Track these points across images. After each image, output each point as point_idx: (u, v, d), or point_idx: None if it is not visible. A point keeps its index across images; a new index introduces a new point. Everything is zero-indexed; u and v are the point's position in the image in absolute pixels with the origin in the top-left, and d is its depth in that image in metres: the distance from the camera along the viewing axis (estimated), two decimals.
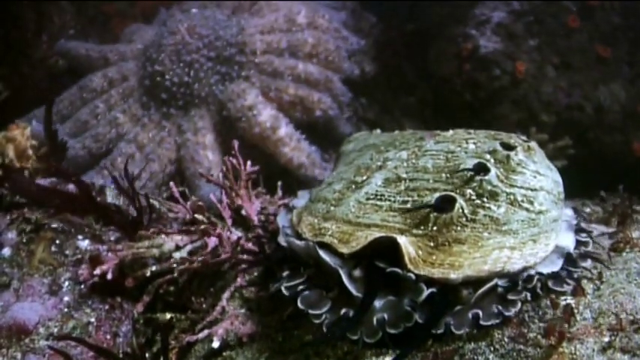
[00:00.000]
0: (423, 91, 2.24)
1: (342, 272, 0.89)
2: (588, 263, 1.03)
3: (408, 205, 0.93)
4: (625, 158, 2.03)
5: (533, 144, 1.08)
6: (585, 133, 2.02)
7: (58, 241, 1.25)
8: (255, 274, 1.13)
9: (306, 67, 1.73)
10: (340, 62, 1.81)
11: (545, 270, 0.94)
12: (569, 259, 1.01)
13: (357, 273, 0.90)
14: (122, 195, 1.36)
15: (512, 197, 0.94)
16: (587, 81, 2.06)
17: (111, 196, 1.46)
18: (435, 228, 0.89)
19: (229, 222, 1.18)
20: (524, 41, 2.09)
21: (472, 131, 1.18)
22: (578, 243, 1.05)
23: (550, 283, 0.95)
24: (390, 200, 0.95)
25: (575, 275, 0.98)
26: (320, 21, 1.81)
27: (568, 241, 1.03)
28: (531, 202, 0.95)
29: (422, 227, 0.90)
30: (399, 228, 0.91)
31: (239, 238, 1.11)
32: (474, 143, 1.07)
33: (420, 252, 0.88)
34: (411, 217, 0.91)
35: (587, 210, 1.44)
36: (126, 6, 2.67)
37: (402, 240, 0.88)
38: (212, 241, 1.10)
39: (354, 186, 1.05)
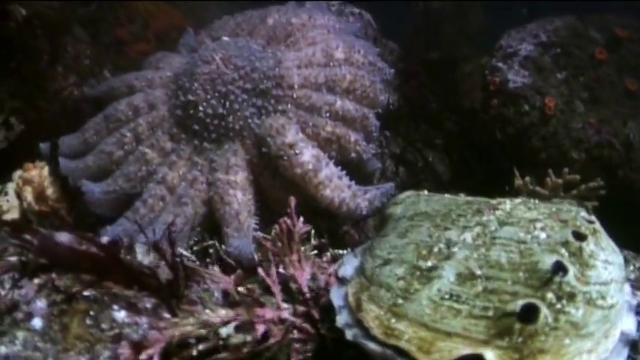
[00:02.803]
0: (448, 123, 2.20)
1: None
2: None
3: (490, 313, 0.89)
4: None
5: (597, 225, 1.04)
6: (615, 171, 1.99)
7: (92, 312, 1.20)
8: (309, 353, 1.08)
9: (343, 103, 1.67)
10: (376, 97, 1.76)
11: None
12: (633, 346, 0.98)
13: None
14: (158, 257, 1.31)
15: (588, 296, 0.90)
16: (616, 117, 2.03)
17: (141, 253, 1.41)
18: (520, 339, 0.86)
19: (279, 297, 1.13)
20: (551, 75, 2.05)
21: (533, 206, 1.14)
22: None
23: None
24: (468, 304, 0.92)
25: None
26: (356, 56, 1.75)
27: (630, 324, 1.00)
28: (604, 298, 0.92)
29: (506, 338, 0.86)
30: (482, 339, 0.87)
31: (291, 322, 1.06)
32: (542, 229, 1.03)
33: None
34: (494, 326, 0.88)
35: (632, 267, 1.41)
36: (139, 29, 2.61)
37: (490, 356, 0.84)
38: (261, 328, 1.05)
39: (418, 272, 1.01)
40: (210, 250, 1.68)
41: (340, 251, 1.70)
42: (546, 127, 1.98)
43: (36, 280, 1.28)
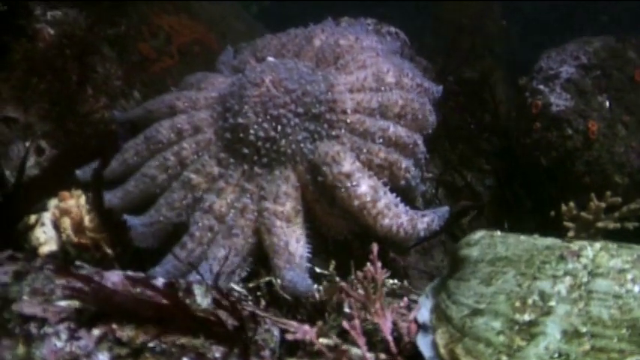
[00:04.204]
0: (486, 143, 2.17)
1: None
2: None
3: None
4: None
5: None
6: None
7: None
8: None
9: (396, 129, 1.63)
10: (426, 120, 1.72)
11: None
12: None
13: None
14: (224, 305, 1.25)
15: None
16: None
17: (200, 295, 1.35)
18: None
19: (364, 350, 1.08)
20: (593, 98, 2.03)
21: (615, 252, 1.11)
22: None
23: None
24: None
25: None
26: (405, 80, 1.71)
27: None
28: None
29: None
30: None
31: None
32: (633, 281, 1.02)
33: None
34: None
35: None
36: (162, 44, 2.54)
37: None
38: None
39: (516, 327, 0.99)
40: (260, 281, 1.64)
41: (391, 281, 1.66)
42: (590, 151, 1.96)
43: (95, 331, 1.21)
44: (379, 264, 1.21)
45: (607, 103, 1.94)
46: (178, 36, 2.54)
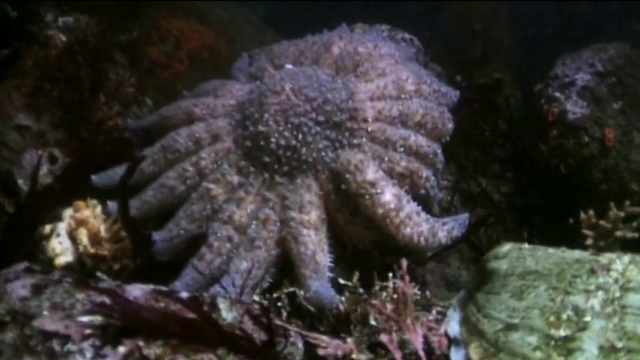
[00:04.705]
0: (501, 150, 2.16)
1: None
2: None
3: None
4: None
5: None
6: None
7: None
8: None
9: (417, 138, 1.62)
10: (445, 127, 1.72)
11: None
12: None
13: None
14: (253, 317, 1.23)
15: None
16: None
17: (225, 309, 1.34)
18: None
19: None
20: (609, 105, 2.02)
21: None
22: None
23: None
24: None
25: None
26: (424, 87, 1.70)
27: None
28: None
29: None
30: None
31: None
32: None
33: None
34: None
35: None
36: (171, 49, 2.51)
37: None
38: None
39: (552, 342, 0.99)
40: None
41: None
42: (606, 158, 1.96)
43: (121, 348, 1.18)
44: (408, 278, 1.20)
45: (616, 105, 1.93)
46: (188, 41, 2.52)
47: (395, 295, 1.38)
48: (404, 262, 1.19)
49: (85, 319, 1.27)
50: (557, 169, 1.97)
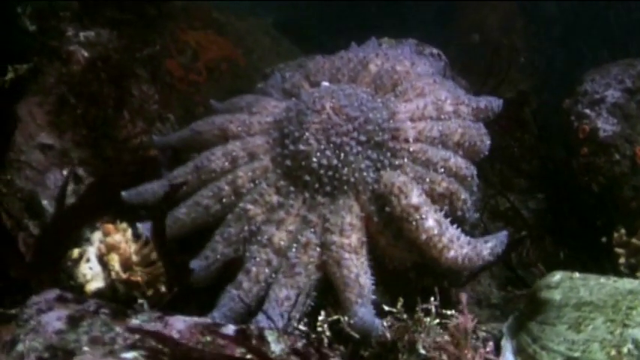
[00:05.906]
0: (528, 166, 2.15)
1: None
2: None
3: None
4: None
5: None
6: None
7: None
8: None
9: (456, 160, 1.60)
10: (483, 145, 1.69)
11: None
12: None
13: None
14: (297, 352, 1.20)
15: None
16: None
17: (273, 342, 1.30)
18: None
19: None
20: (638, 122, 2.02)
21: None
22: None
23: None
24: None
25: None
26: (462, 108, 1.68)
27: None
28: None
29: None
30: None
31: None
32: None
33: None
34: None
35: None
36: (189, 61, 2.47)
37: None
38: None
39: None
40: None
41: (449, 312, 1.62)
42: (637, 176, 1.95)
43: None
44: (467, 312, 1.18)
45: None
46: (206, 52, 2.48)
47: (439, 320, 1.37)
48: (464, 296, 1.17)
49: (129, 355, 1.23)
50: (587, 187, 1.96)
